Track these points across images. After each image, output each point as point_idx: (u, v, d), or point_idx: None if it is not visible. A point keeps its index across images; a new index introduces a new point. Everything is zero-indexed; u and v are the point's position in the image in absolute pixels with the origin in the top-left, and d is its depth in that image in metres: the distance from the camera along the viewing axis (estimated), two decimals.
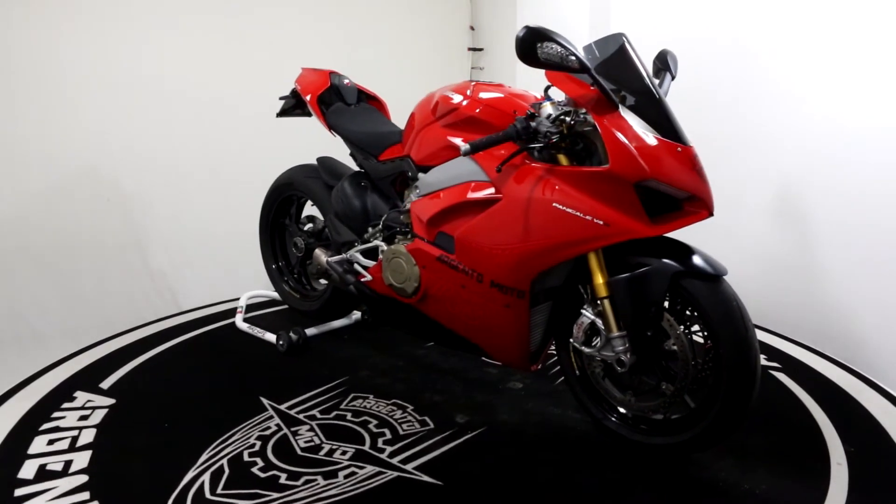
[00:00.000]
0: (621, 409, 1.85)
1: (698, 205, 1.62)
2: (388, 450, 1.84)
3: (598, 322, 1.74)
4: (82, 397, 2.15)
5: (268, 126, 2.92)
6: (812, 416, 2.01)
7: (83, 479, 1.69)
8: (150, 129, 3.32)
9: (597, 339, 1.75)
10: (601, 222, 1.61)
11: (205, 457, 1.79)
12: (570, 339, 1.83)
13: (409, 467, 1.76)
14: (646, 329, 1.68)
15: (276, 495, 1.62)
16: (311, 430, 1.95)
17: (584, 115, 1.67)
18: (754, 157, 2.76)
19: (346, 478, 1.70)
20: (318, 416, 2.04)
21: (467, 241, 1.86)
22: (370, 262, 2.25)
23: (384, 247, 2.18)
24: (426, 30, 4.24)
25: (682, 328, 1.66)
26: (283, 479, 1.70)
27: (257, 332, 2.70)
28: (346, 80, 2.56)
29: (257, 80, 2.82)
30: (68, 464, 1.76)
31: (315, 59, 2.68)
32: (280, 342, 2.53)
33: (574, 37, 1.60)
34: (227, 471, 1.73)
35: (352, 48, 3.88)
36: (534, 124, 1.67)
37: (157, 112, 3.32)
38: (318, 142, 2.69)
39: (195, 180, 3.47)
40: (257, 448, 1.84)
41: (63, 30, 3.04)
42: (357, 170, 2.46)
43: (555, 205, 1.67)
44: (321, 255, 2.48)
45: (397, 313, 2.21)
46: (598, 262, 1.70)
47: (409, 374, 2.35)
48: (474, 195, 1.85)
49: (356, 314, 2.82)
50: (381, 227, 2.22)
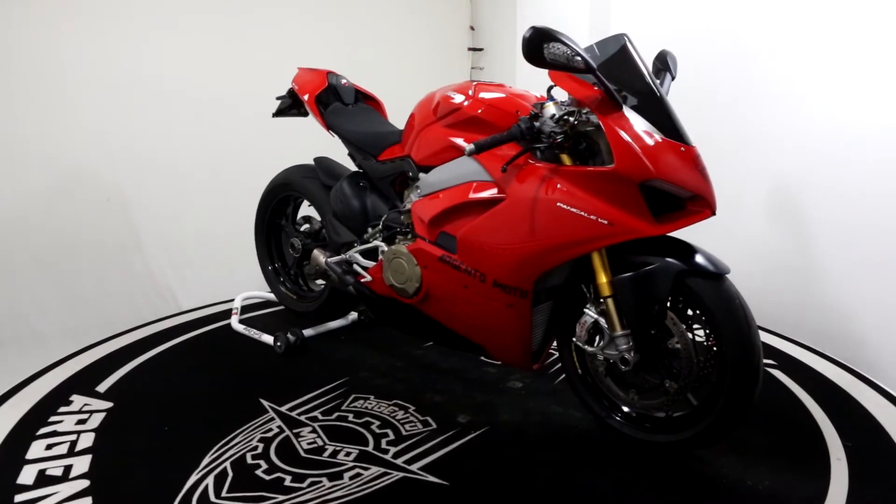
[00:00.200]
0: (624, 407, 1.86)
1: (701, 204, 1.63)
2: (392, 450, 1.84)
3: (602, 321, 1.75)
4: (79, 401, 2.12)
5: (268, 126, 2.91)
6: (810, 413, 2.04)
7: (84, 483, 1.67)
8: (150, 129, 3.30)
9: (600, 338, 1.76)
10: (606, 222, 1.62)
11: (207, 460, 1.78)
12: (573, 339, 1.84)
13: (414, 468, 1.75)
14: (649, 327, 1.69)
15: (281, 498, 1.61)
16: (314, 431, 1.94)
17: (587, 115, 1.68)
18: (754, 157, 2.76)
19: (351, 479, 1.70)
20: (320, 417, 2.03)
21: (470, 241, 1.86)
22: (370, 263, 2.25)
23: (384, 247, 2.17)
24: (426, 30, 4.24)
25: (684, 326, 1.68)
26: (288, 481, 1.69)
27: (254, 333, 2.68)
28: (343, 80, 2.54)
29: (257, 81, 2.81)
30: (68, 469, 1.73)
31: (315, 60, 2.67)
32: (278, 343, 2.52)
33: (574, 37, 1.60)
34: (230, 474, 1.71)
35: (352, 48, 3.87)
36: (537, 124, 1.67)
37: (157, 112, 3.31)
38: (316, 142, 2.68)
39: (195, 180, 3.46)
40: (260, 450, 1.83)
41: (63, 30, 3.02)
42: (355, 170, 2.45)
43: (559, 204, 1.67)
44: (320, 256, 2.47)
45: (397, 314, 2.21)
46: (601, 262, 1.71)
47: (409, 375, 2.35)
48: (477, 195, 1.85)
49: (353, 315, 2.81)
50: (380, 227, 2.22)
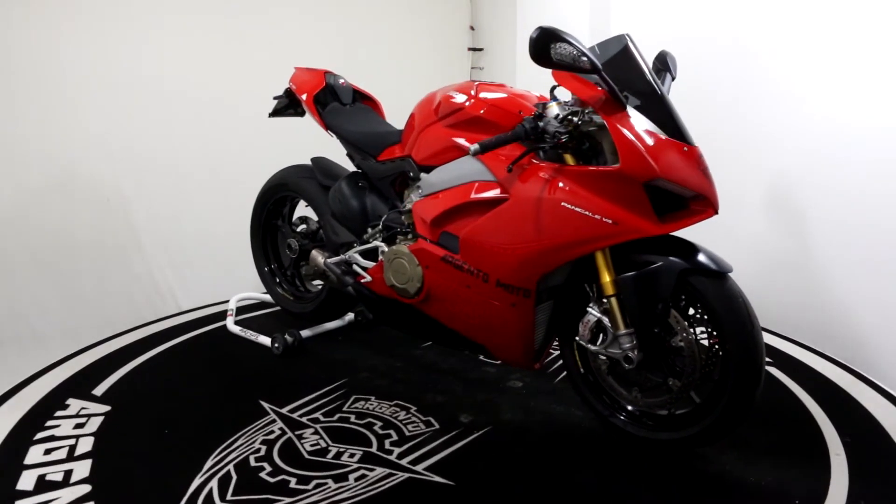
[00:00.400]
0: (627, 405, 1.87)
1: (704, 203, 1.64)
2: (396, 451, 1.83)
3: (605, 320, 1.75)
4: (75, 405, 2.10)
5: (268, 126, 2.90)
6: (808, 411, 2.06)
7: (86, 488, 1.65)
8: (150, 129, 3.28)
9: (603, 337, 1.77)
10: (610, 221, 1.63)
11: (210, 463, 1.76)
12: (576, 338, 1.84)
13: (419, 468, 1.75)
14: (652, 326, 1.70)
15: (287, 500, 1.60)
16: (316, 433, 1.93)
17: (590, 115, 1.69)
18: (754, 156, 2.78)
19: (356, 480, 1.69)
20: (322, 418, 2.02)
21: (473, 240, 1.86)
22: (370, 263, 2.24)
23: (384, 248, 2.17)
24: (426, 30, 4.23)
25: (687, 325, 1.69)
26: (293, 483, 1.68)
27: (250, 334, 2.66)
28: (341, 80, 2.53)
29: (257, 81, 2.79)
30: (68, 474, 1.71)
31: (315, 60, 2.65)
32: (275, 345, 2.50)
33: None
34: (234, 477, 1.70)
35: (351, 48, 3.87)
36: (541, 124, 1.67)
37: (157, 112, 3.29)
38: (314, 142, 2.67)
39: (195, 180, 3.44)
40: (263, 452, 1.82)
41: (63, 30, 3.00)
42: (354, 170, 2.44)
43: (564, 204, 1.68)
44: (318, 257, 2.45)
45: (398, 314, 2.20)
46: (605, 261, 1.72)
47: (409, 375, 2.34)
48: (480, 195, 1.85)
49: (350, 315, 2.80)
50: (380, 227, 2.21)
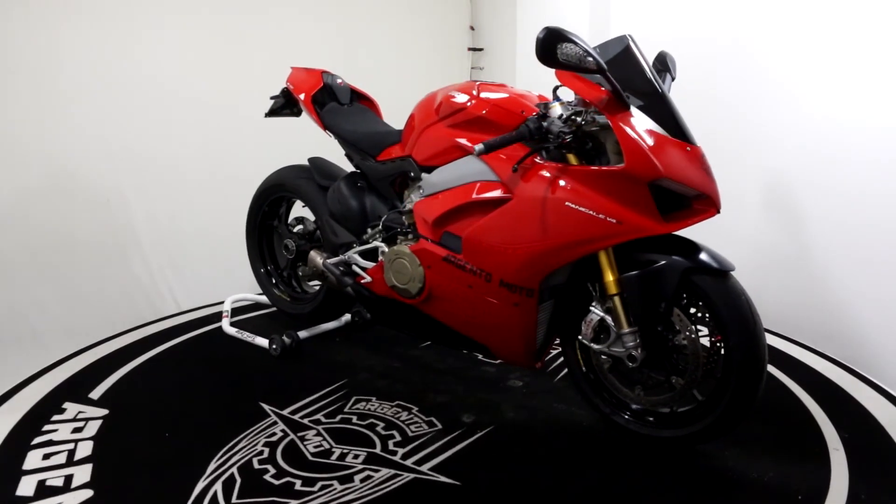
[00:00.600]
0: (630, 403, 1.88)
1: (706, 203, 1.66)
2: (401, 452, 1.83)
3: (608, 319, 1.76)
4: (72, 409, 2.07)
5: (269, 126, 2.88)
6: (806, 409, 2.08)
7: (88, 493, 1.63)
8: (150, 130, 3.26)
9: (606, 336, 1.78)
10: (615, 220, 1.64)
11: (213, 466, 1.75)
12: (579, 336, 1.85)
13: (424, 468, 1.75)
14: (655, 324, 1.72)
15: (294, 502, 1.59)
16: (319, 434, 1.92)
17: (593, 115, 1.69)
18: (754, 156, 2.79)
19: (362, 482, 1.69)
20: (323, 420, 2.01)
21: (476, 240, 1.86)
22: (369, 264, 2.23)
23: (385, 248, 2.16)
24: (426, 30, 4.23)
25: (690, 323, 1.71)
26: (299, 485, 1.67)
27: (246, 336, 2.64)
28: (338, 80, 2.51)
29: (258, 81, 2.77)
30: (69, 478, 1.69)
31: (315, 60, 2.64)
32: (273, 346, 2.48)
33: None
34: (238, 479, 1.69)
35: (351, 48, 3.85)
36: (545, 124, 1.68)
37: (157, 112, 3.27)
38: (310, 142, 2.66)
39: (195, 180, 3.42)
40: (266, 455, 1.81)
41: (63, 30, 2.97)
42: (352, 170, 2.43)
43: (568, 204, 1.68)
44: (317, 258, 2.44)
45: (398, 314, 2.20)
46: (608, 260, 1.73)
47: (408, 375, 2.34)
48: (483, 195, 1.85)
49: (346, 316, 2.79)
50: (380, 227, 2.20)
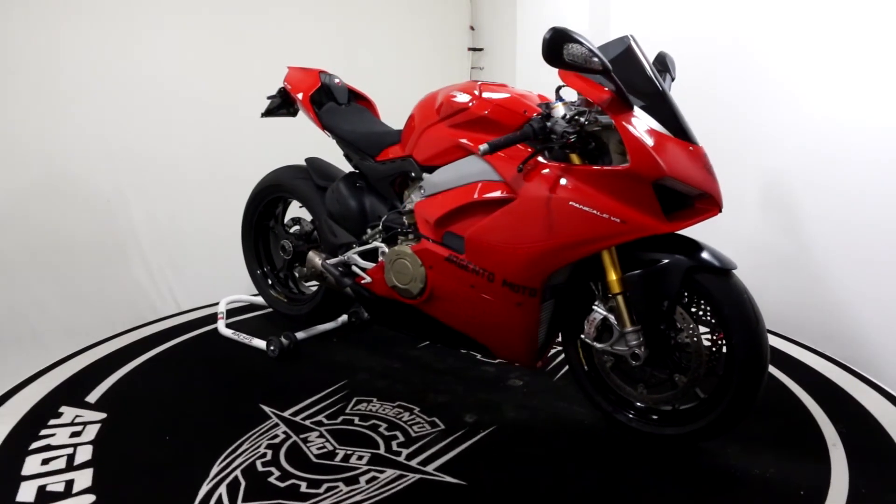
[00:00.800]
0: (632, 401, 1.89)
1: (708, 202, 1.67)
2: (405, 452, 1.82)
3: (611, 318, 1.77)
4: (69, 413, 2.04)
5: (268, 126, 2.87)
6: (805, 407, 2.10)
7: (90, 499, 1.61)
8: (150, 130, 3.24)
9: (609, 335, 1.78)
10: (618, 220, 1.64)
11: (216, 469, 1.73)
12: (581, 335, 1.86)
13: (429, 469, 1.75)
14: (658, 323, 1.73)
15: None
16: (321, 436, 1.91)
17: (596, 115, 1.70)
18: (754, 156, 2.80)
19: (367, 483, 1.68)
20: (325, 421, 2.00)
21: (479, 240, 1.86)
22: (369, 264, 2.22)
23: (385, 248, 2.16)
24: (426, 30, 4.23)
25: (692, 321, 1.72)
26: (304, 487, 1.66)
27: (243, 337, 2.62)
28: (336, 80, 2.50)
29: (257, 81, 2.76)
30: (70, 484, 1.66)
31: (315, 60, 2.63)
32: (271, 347, 2.47)
33: None
34: (243, 482, 1.67)
35: (351, 48, 3.84)
36: (549, 124, 1.68)
37: (157, 112, 3.25)
38: (309, 142, 2.64)
39: (195, 180, 3.41)
40: (269, 457, 1.79)
41: (63, 30, 2.95)
42: (351, 170, 2.42)
43: (572, 203, 1.69)
44: (315, 258, 2.43)
45: (399, 315, 2.19)
46: (611, 259, 1.74)
47: (408, 376, 2.34)
48: (486, 195, 1.85)
49: (343, 317, 2.78)
50: (380, 228, 2.20)
